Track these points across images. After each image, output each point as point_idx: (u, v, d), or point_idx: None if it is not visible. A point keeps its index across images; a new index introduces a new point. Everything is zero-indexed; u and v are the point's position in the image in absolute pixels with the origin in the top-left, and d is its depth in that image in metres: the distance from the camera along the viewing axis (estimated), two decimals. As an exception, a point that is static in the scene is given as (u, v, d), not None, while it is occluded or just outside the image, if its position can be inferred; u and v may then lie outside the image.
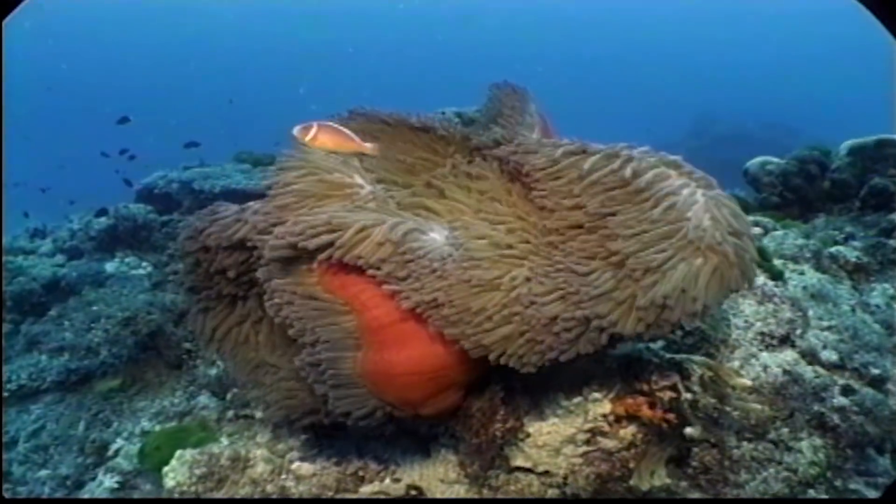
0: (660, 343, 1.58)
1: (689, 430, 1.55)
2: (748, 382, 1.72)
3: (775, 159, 3.53)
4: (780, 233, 2.63)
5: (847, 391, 1.86)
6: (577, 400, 1.56)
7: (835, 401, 1.84)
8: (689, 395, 1.62)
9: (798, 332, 1.91)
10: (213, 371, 2.80)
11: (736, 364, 1.80)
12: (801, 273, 2.35)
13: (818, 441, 1.78)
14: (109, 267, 4.17)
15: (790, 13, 33.07)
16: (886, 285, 2.57)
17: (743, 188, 3.97)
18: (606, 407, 1.59)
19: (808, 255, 2.45)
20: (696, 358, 1.60)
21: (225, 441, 2.45)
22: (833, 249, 2.65)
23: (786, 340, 1.88)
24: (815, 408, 1.83)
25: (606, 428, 1.61)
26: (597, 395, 1.57)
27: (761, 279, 1.97)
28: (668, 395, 1.52)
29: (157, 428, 2.94)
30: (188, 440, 2.52)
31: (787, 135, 14.50)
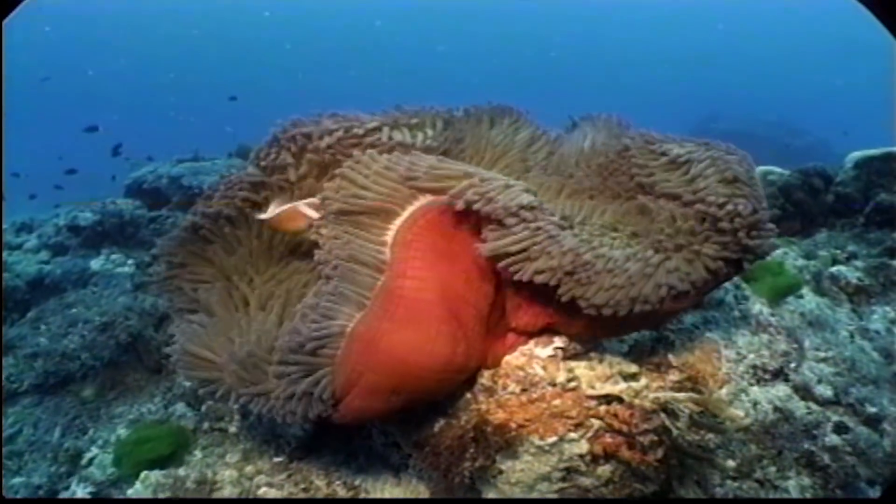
0: (643, 381, 1.48)
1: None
2: (740, 413, 1.63)
3: (777, 169, 3.41)
4: (779, 252, 2.52)
5: (840, 429, 1.76)
6: (552, 440, 1.47)
7: (826, 439, 1.75)
8: (675, 432, 1.54)
9: (793, 365, 1.81)
10: (189, 382, 2.71)
11: (723, 394, 1.70)
12: (800, 296, 2.25)
13: (806, 481, 1.69)
14: (95, 264, 4.09)
15: (793, 12, 32.82)
16: (888, 308, 2.46)
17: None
18: (584, 447, 1.50)
19: (807, 276, 2.35)
20: (681, 395, 1.51)
21: (198, 454, 2.39)
22: (834, 269, 2.54)
23: (779, 374, 1.79)
24: (806, 446, 1.73)
25: (583, 467, 1.52)
26: (573, 434, 1.48)
27: (757, 307, 1.87)
28: (649, 438, 1.43)
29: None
30: (163, 447, 2.46)
31: (790, 133, 14.34)
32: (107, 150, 6.77)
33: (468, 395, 1.49)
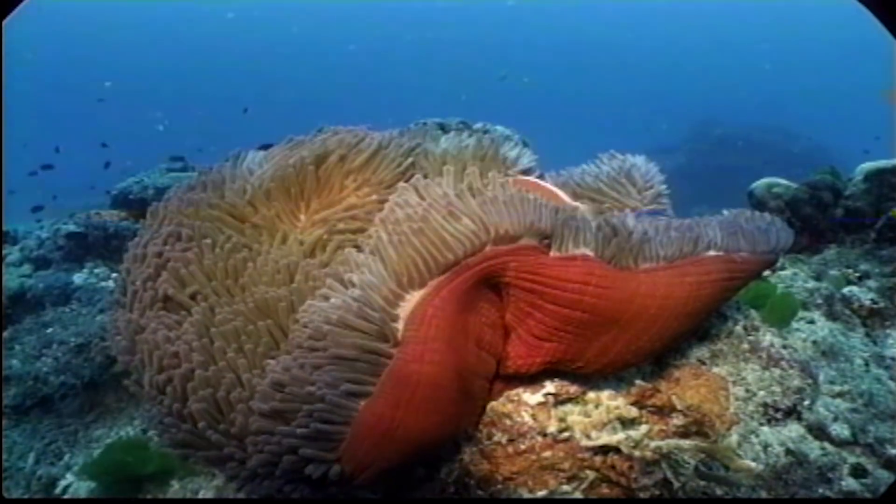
0: (643, 427, 1.34)
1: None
2: (751, 464, 1.49)
3: (783, 181, 3.27)
4: (787, 272, 2.39)
5: (858, 472, 1.62)
6: (542, 493, 1.33)
7: (843, 483, 1.61)
8: (678, 484, 1.40)
9: (806, 402, 1.67)
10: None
11: (733, 441, 1.56)
12: (811, 322, 2.11)
13: (823, 530, 1.55)
14: (78, 278, 3.96)
15: (790, 15, 32.70)
16: (903, 332, 2.33)
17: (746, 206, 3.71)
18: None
19: (819, 300, 2.21)
20: (686, 444, 1.37)
21: (175, 485, 2.27)
22: (846, 290, 2.41)
23: (792, 412, 1.65)
24: (821, 491, 1.59)
25: (579, 520, 1.38)
26: (566, 487, 1.34)
27: (768, 338, 1.73)
28: (649, 494, 1.30)
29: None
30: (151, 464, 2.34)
31: (787, 138, 14.20)
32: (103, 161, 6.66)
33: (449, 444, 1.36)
